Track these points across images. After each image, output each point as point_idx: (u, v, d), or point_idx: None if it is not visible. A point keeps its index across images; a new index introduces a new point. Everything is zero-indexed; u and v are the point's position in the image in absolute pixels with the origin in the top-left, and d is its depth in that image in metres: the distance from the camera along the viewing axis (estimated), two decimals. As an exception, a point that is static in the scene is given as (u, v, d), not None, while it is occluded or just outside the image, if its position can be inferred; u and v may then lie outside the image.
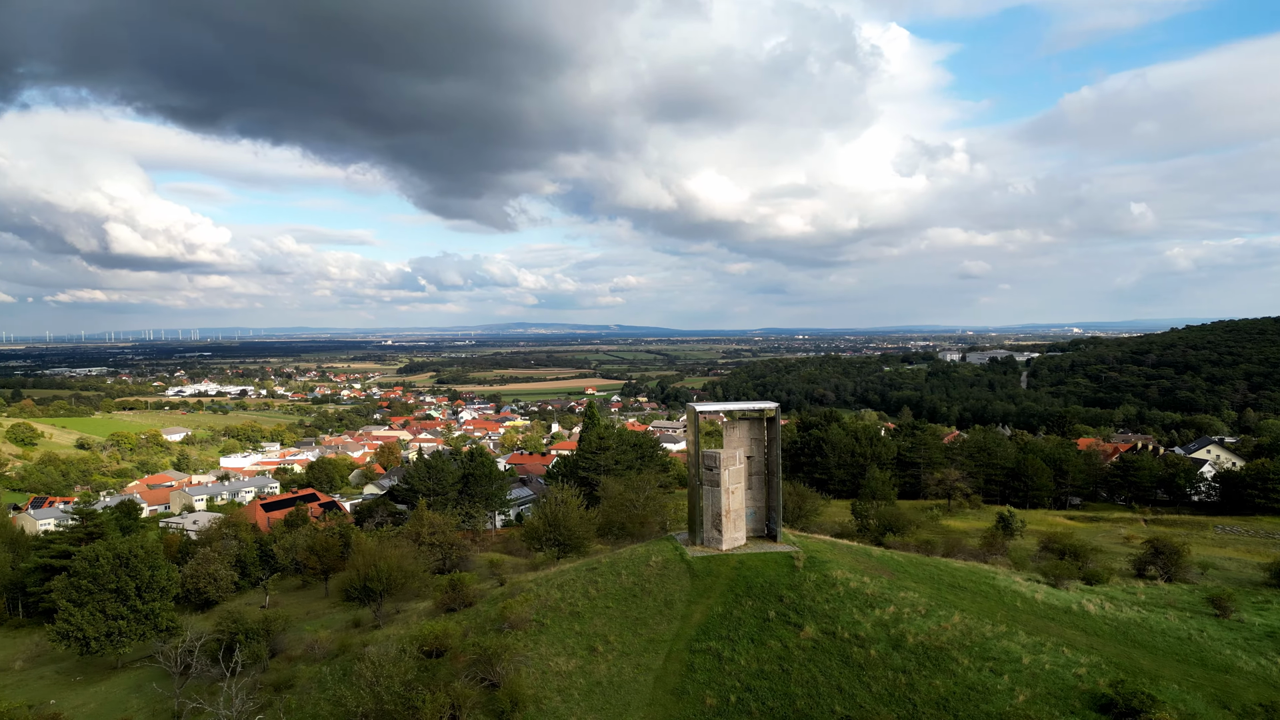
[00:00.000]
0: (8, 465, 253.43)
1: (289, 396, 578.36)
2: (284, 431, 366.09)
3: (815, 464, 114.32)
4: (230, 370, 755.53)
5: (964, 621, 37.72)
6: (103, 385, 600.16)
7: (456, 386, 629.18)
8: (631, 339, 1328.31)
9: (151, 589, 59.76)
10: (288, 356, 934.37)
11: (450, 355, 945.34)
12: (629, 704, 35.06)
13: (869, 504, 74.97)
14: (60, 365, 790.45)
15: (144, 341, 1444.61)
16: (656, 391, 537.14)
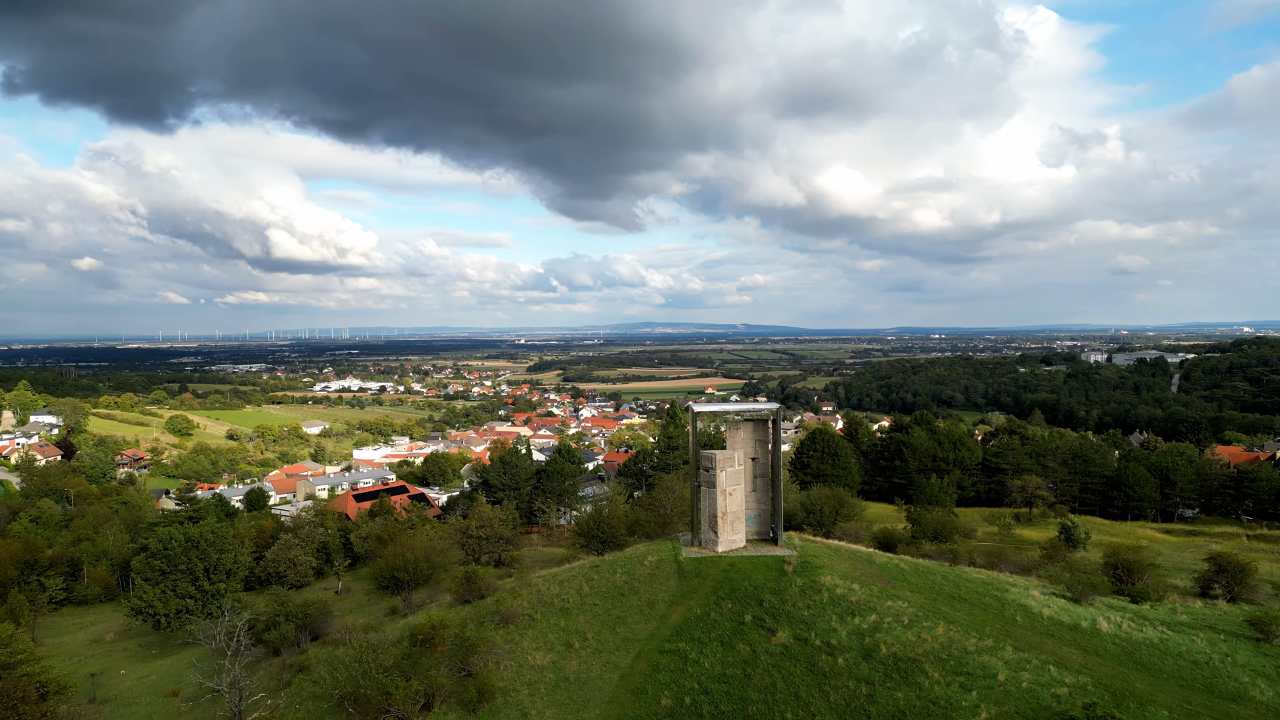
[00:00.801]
0: (165, 454, 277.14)
1: (424, 393, 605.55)
2: (413, 426, 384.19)
3: (894, 468, 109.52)
4: (373, 367, 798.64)
5: (948, 633, 36.03)
6: (259, 380, 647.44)
7: (580, 385, 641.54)
8: (757, 338, 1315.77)
9: (218, 571, 63.83)
10: (427, 354, 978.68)
11: (578, 354, 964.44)
12: (589, 700, 35.41)
13: (922, 510, 71.04)
14: (225, 362, 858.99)
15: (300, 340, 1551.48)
16: (776, 392, 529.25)
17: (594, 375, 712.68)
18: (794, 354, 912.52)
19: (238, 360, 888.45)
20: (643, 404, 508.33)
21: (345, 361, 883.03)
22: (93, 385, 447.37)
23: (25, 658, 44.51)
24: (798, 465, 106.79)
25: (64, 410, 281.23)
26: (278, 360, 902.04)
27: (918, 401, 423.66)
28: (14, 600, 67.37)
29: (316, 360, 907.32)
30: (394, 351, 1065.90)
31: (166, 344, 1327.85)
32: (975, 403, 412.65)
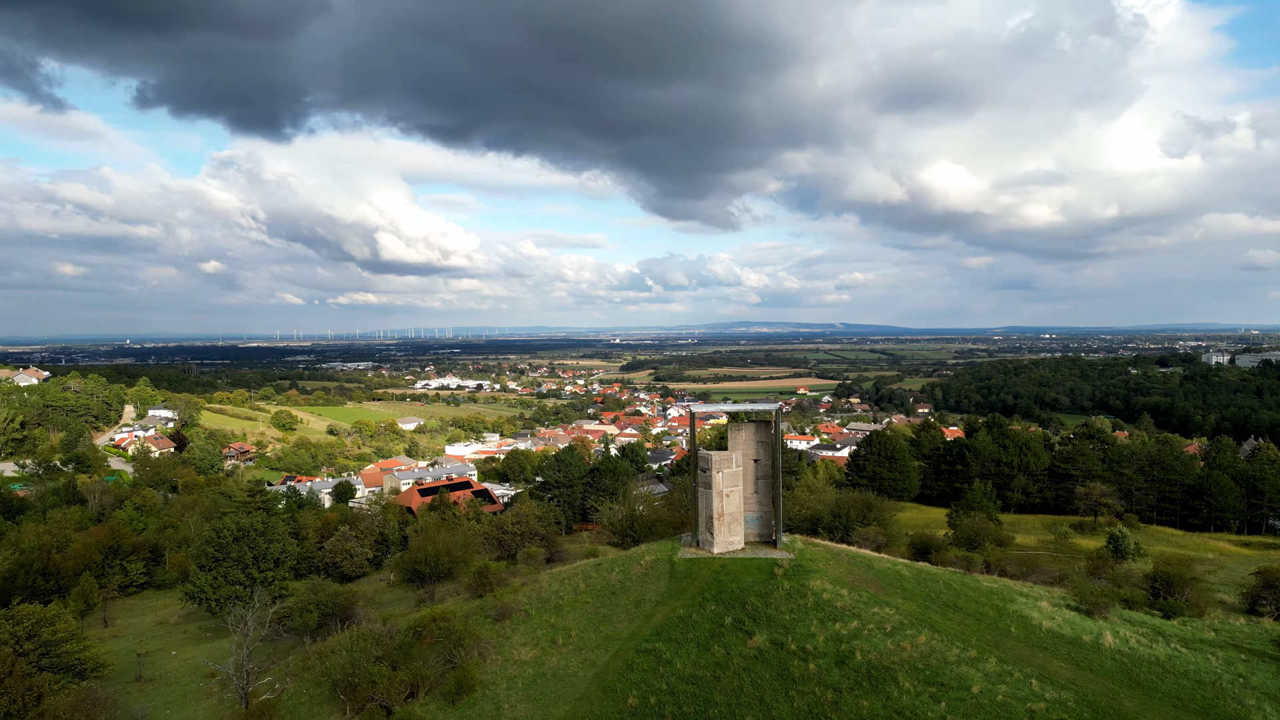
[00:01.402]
0: (269, 448, 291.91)
1: (518, 391, 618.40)
2: (504, 423, 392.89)
3: (956, 472, 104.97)
4: (472, 366, 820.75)
5: (929, 642, 34.83)
6: (364, 378, 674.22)
7: (671, 384, 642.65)
8: (856, 338, 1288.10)
9: (266, 560, 66.63)
10: (525, 354, 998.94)
11: (671, 354, 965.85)
12: (561, 697, 35.73)
13: (963, 515, 67.84)
14: (336, 360, 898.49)
15: (406, 339, 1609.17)
16: (871, 393, 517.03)
17: (685, 375, 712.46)
18: (893, 354, 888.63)
19: (347, 358, 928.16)
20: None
21: (447, 360, 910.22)
22: (211, 382, 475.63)
23: (66, 636, 47.40)
24: (853, 468, 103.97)
25: (179, 405, 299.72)
26: (384, 359, 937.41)
27: (1019, 404, 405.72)
28: (85, 583, 72.03)
29: (420, 359, 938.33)
30: (494, 351, 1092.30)
31: (283, 343, 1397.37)
32: (1081, 406, 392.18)
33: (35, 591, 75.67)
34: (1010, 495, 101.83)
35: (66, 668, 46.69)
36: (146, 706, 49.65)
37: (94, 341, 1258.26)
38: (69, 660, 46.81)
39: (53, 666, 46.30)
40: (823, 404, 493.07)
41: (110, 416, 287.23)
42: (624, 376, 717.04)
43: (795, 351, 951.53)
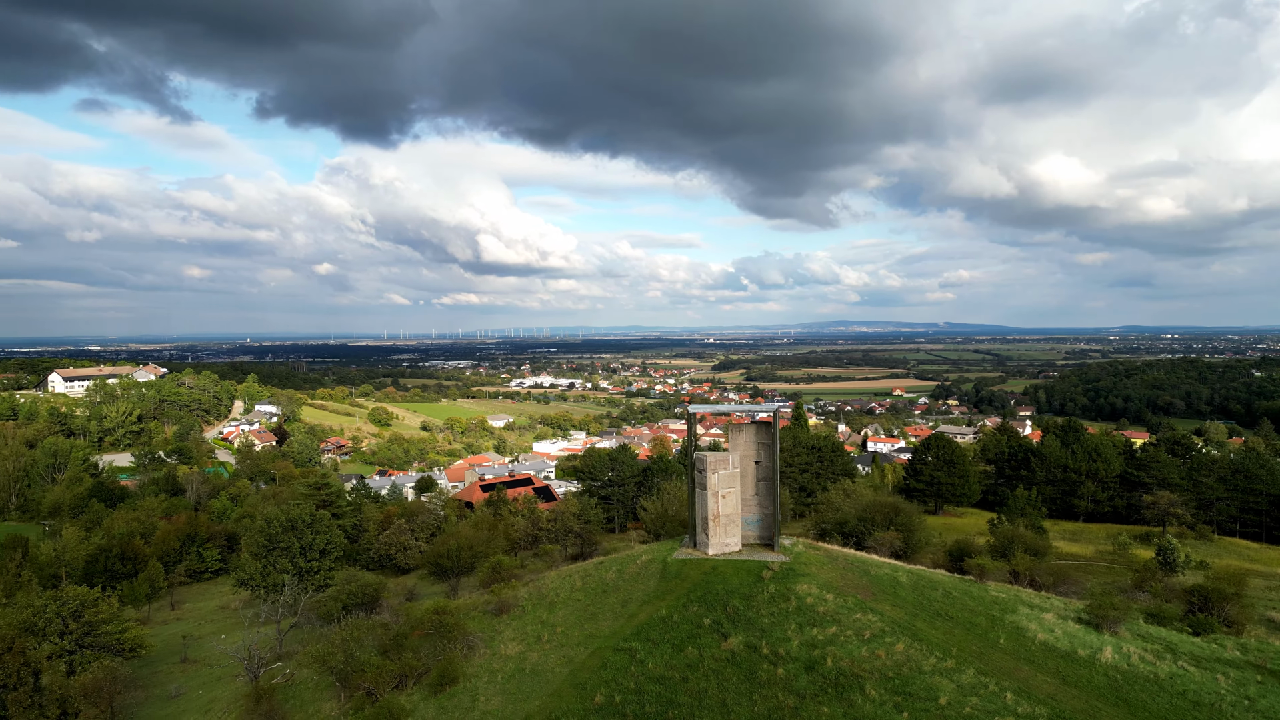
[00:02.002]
0: (364, 442, 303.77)
1: (609, 390, 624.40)
2: (590, 421, 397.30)
3: (1020, 478, 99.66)
4: (566, 365, 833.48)
5: (907, 651, 33.82)
6: (462, 376, 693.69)
7: (762, 384, 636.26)
8: (960, 337, 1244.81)
9: (312, 550, 69.22)
10: (619, 353, 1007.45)
11: (765, 354, 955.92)
12: (534, 692, 36.11)
13: (1005, 523, 64.27)
14: (438, 358, 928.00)
15: (505, 339, 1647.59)
16: (970, 395, 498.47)
17: (777, 375, 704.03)
18: (999, 354, 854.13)
19: (449, 357, 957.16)
20: (822, 405, 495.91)
21: (543, 359, 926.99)
22: (318, 379, 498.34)
23: (108, 617, 50.37)
24: (911, 472, 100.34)
25: (282, 401, 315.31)
26: (483, 357, 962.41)
27: (1128, 408, 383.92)
28: (152, 569, 76.46)
29: (518, 358, 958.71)
30: (589, 350, 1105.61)
31: (390, 342, 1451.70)
32: (1198, 410, 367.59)
33: (113, 574, 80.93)
34: (1078, 503, 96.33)
35: (106, 647, 49.67)
36: (182, 686, 52.46)
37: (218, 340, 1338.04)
38: (108, 640, 49.78)
39: (94, 645, 49.38)
40: (918, 406, 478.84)
41: (220, 411, 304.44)
42: (715, 376, 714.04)
43: (894, 351, 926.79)
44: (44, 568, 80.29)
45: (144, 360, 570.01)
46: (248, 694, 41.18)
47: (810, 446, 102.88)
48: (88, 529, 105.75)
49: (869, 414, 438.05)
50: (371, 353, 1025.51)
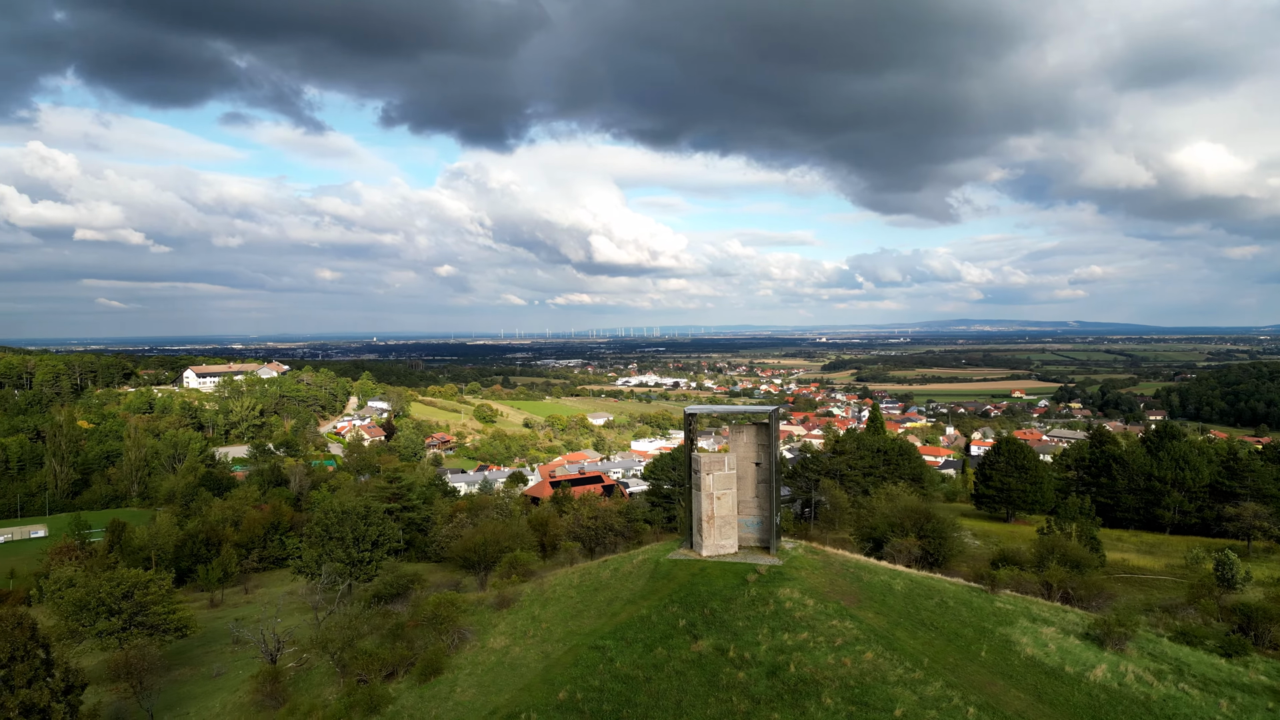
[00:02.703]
0: (468, 438, 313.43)
1: (713, 389, 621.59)
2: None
3: (1100, 485, 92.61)
4: (673, 364, 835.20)
5: (875, 660, 32.75)
6: (570, 375, 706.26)
7: (872, 384, 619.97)
8: (1091, 337, 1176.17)
9: (365, 541, 71.87)
10: (728, 352, 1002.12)
11: (879, 353, 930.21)
12: (507, 685, 36.63)
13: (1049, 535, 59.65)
14: (550, 357, 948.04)
15: (616, 338, 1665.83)
16: (1096, 398, 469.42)
17: (889, 375, 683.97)
18: (1132, 355, 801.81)
19: (560, 356, 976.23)
20: (934, 406, 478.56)
21: (651, 358, 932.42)
22: (434, 376, 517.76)
23: (154, 598, 53.75)
24: (981, 477, 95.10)
25: (392, 397, 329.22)
26: (593, 356, 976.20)
27: (1271, 413, 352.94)
28: (225, 554, 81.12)
29: (626, 357, 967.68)
30: (697, 349, 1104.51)
31: (506, 341, 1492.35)
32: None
33: (197, 558, 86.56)
34: (1163, 514, 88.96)
35: (153, 626, 53.07)
36: (225, 666, 55.48)
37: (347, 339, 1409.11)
38: (155, 620, 53.16)
39: (142, 625, 52.84)
40: (1036, 409, 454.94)
41: (336, 406, 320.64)
42: (824, 376, 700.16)
43: (1018, 351, 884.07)
44: (136, 551, 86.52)
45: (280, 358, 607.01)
46: (256, 674, 43.15)
47: (875, 450, 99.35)
48: (188, 515, 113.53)
49: (982, 416, 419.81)
50: (488, 351, 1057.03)
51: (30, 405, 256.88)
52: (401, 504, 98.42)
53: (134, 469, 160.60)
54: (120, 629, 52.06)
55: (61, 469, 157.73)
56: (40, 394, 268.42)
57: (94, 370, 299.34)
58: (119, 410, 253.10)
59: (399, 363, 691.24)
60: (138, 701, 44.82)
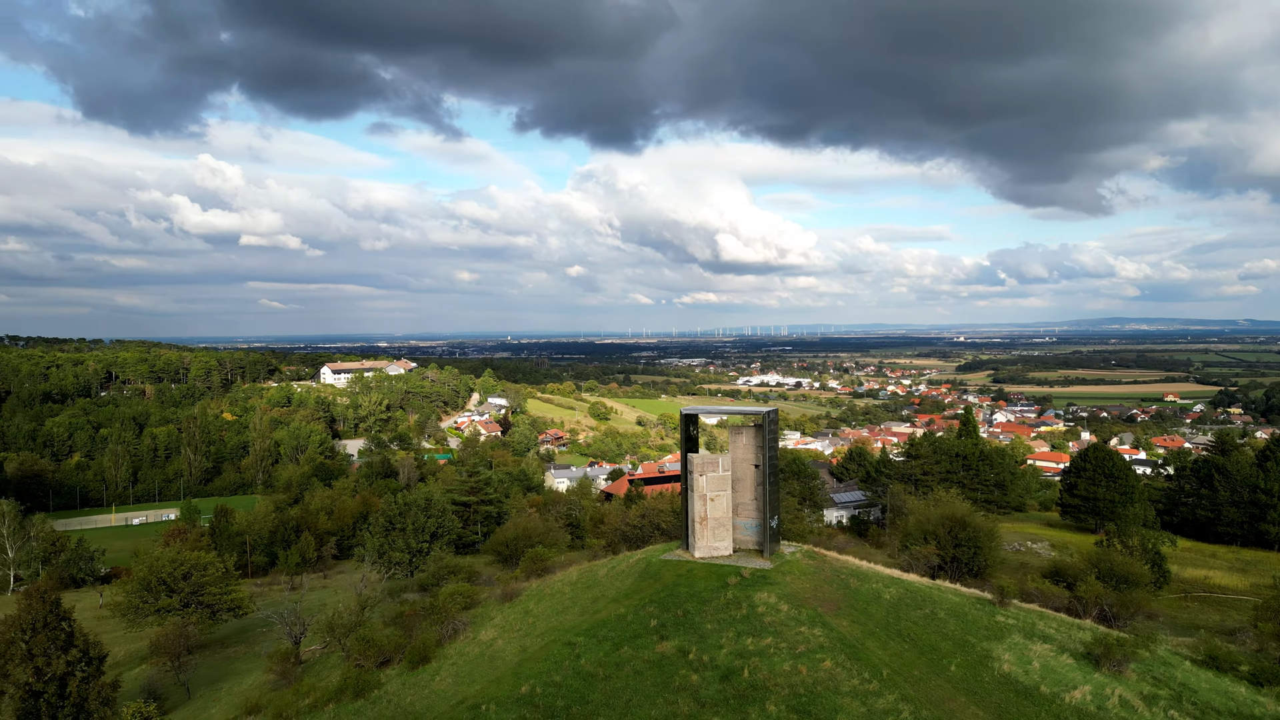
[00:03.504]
0: (581, 435, 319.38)
1: (837, 389, 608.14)
2: (806, 421, 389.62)
3: (1200, 497, 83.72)
4: (797, 363, 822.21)
5: (832, 669, 31.77)
6: (691, 374, 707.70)
7: (1009, 386, 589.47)
8: (1263, 337, 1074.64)
9: (423, 532, 74.59)
10: (857, 351, 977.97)
11: (1021, 353, 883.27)
12: (480, 677, 37.33)
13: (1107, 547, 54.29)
14: (674, 356, 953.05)
15: (742, 337, 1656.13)
16: (1259, 403, 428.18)
17: (1028, 376, 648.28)
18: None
19: (684, 355, 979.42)
20: (1075, 410, 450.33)
21: (776, 357, 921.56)
22: (558, 374, 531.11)
23: (210, 579, 57.61)
24: (1066, 487, 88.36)
25: (510, 394, 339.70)
26: (717, 355, 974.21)
27: None
28: (304, 541, 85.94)
29: (752, 355, 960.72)
30: (826, 348, 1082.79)
31: (632, 339, 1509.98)
32: None
33: (286, 543, 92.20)
34: (1269, 529, 79.81)
35: (207, 605, 56.96)
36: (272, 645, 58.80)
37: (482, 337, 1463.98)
38: (210, 599, 57.02)
39: (198, 604, 56.81)
40: (1190, 414, 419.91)
41: (458, 402, 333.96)
42: (957, 377, 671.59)
43: (1177, 352, 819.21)
44: (235, 535, 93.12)
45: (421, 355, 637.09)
46: (272, 654, 45.65)
47: (954, 454, 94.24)
48: (294, 503, 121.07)
49: (1126, 421, 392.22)
50: (614, 350, 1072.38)
51: (184, 398, 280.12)
52: (479, 497, 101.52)
53: (259, 459, 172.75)
54: (180, 607, 56.24)
55: (195, 457, 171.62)
56: (193, 388, 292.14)
57: (242, 366, 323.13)
58: (261, 404, 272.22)
59: (527, 360, 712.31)
60: (175, 676, 48.32)
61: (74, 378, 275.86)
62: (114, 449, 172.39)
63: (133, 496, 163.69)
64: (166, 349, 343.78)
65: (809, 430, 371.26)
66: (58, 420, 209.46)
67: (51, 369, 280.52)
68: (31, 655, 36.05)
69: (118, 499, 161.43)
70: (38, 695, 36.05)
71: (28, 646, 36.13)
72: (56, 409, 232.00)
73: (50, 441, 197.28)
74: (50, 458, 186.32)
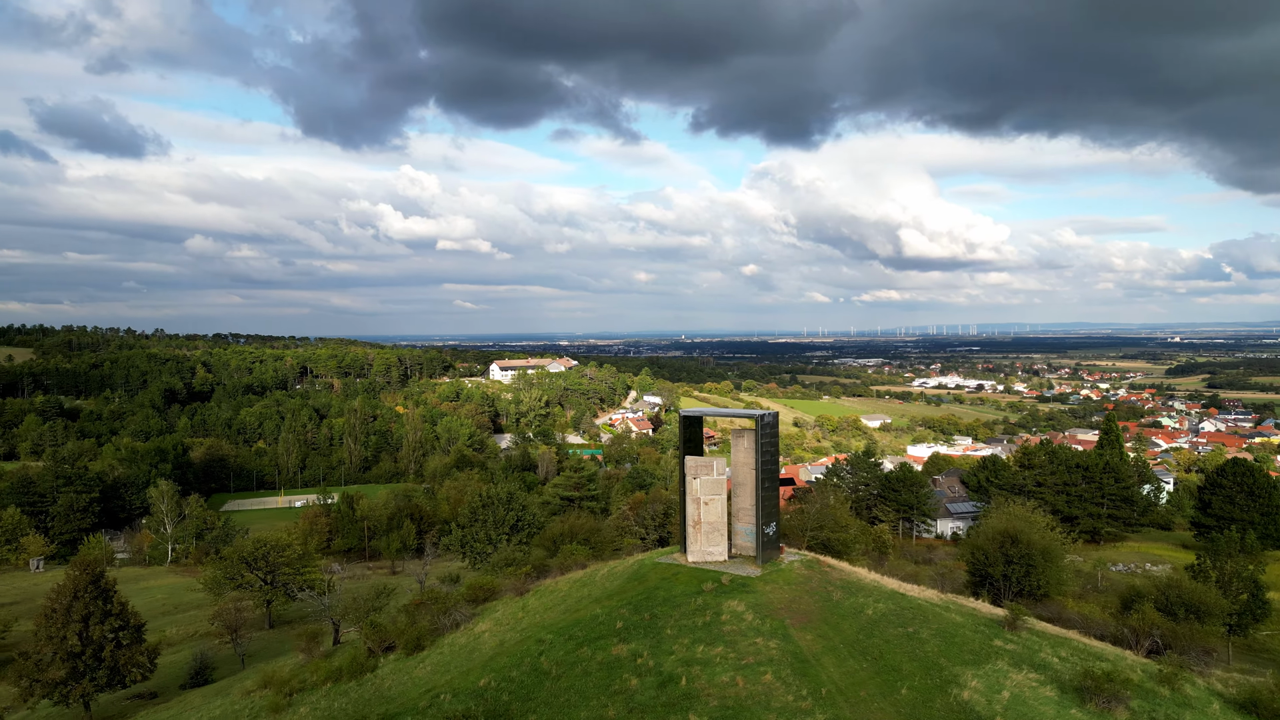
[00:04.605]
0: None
1: (1023, 393, 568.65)
2: (979, 426, 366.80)
3: None
4: (982, 365, 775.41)
5: (770, 683, 30.37)
6: (862, 374, 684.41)
7: (1226, 393, 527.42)
8: None
9: (503, 524, 76.77)
10: (1052, 352, 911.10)
11: (1247, 355, 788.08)
12: (455, 667, 38.31)
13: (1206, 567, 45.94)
14: (849, 356, 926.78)
15: (926, 336, 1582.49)
16: None
17: (1249, 381, 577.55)
18: None
19: (860, 355, 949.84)
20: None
21: (960, 358, 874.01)
22: (722, 373, 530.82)
23: (285, 561, 61.97)
24: (1200, 505, 77.06)
25: (665, 392, 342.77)
26: (896, 355, 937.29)
27: None
28: (405, 528, 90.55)
29: (934, 356, 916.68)
30: (1017, 349, 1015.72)
31: (808, 339, 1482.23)
32: None
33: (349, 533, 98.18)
34: None
35: (282, 585, 61.33)
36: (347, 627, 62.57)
37: (657, 337, 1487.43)
38: (284, 579, 61.38)
39: (274, 583, 61.31)
40: None
41: (614, 399, 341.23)
42: (1165, 382, 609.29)
43: None
44: (359, 520, 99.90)
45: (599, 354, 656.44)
46: (301, 634, 48.51)
47: (1073, 465, 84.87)
48: (429, 492, 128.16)
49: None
50: (787, 349, 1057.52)
51: (365, 391, 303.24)
52: (583, 493, 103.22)
53: (412, 450, 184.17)
54: (259, 584, 61.03)
55: (355, 447, 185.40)
56: (374, 382, 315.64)
57: (420, 363, 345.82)
58: (432, 398, 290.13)
59: (692, 359, 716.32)
60: (233, 647, 52.45)
61: (273, 372, 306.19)
62: (285, 437, 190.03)
63: (300, 481, 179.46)
64: (358, 346, 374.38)
65: (982, 435, 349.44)
66: (251, 410, 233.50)
67: (255, 364, 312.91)
68: (70, 620, 40.25)
69: (288, 483, 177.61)
70: (77, 656, 40.23)
71: (68, 613, 40.37)
72: (254, 400, 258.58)
73: (243, 429, 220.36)
74: (242, 444, 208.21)
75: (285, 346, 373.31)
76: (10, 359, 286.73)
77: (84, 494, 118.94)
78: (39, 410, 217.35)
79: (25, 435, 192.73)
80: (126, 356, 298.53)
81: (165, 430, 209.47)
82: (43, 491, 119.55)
